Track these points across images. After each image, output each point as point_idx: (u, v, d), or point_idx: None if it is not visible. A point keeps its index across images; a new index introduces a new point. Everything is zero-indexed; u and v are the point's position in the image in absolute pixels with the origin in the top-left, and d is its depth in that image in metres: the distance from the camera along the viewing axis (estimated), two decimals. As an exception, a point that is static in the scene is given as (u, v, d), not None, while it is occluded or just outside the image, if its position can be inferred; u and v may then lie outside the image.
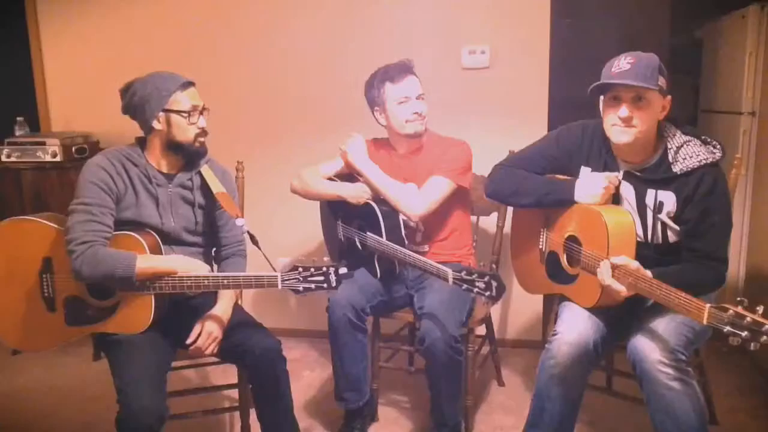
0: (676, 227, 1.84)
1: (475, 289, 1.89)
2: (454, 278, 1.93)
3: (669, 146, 1.83)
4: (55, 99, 3.46)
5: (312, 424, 2.50)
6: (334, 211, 2.51)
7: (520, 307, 3.13)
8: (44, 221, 1.94)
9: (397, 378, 2.76)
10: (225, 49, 3.18)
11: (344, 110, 3.07)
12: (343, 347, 2.25)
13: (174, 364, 2.35)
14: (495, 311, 3.08)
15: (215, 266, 2.13)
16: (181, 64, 2.28)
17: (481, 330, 2.62)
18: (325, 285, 1.80)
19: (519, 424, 2.44)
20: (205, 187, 2.03)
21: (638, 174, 1.88)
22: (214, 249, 2.14)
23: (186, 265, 1.87)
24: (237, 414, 2.31)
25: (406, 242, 2.29)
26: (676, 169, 1.80)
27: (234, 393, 2.40)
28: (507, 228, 2.88)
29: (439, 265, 2.01)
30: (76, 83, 3.40)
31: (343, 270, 1.81)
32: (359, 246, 2.38)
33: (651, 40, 4.43)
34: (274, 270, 1.84)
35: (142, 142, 2.00)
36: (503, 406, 2.61)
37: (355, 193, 2.34)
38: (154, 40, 3.24)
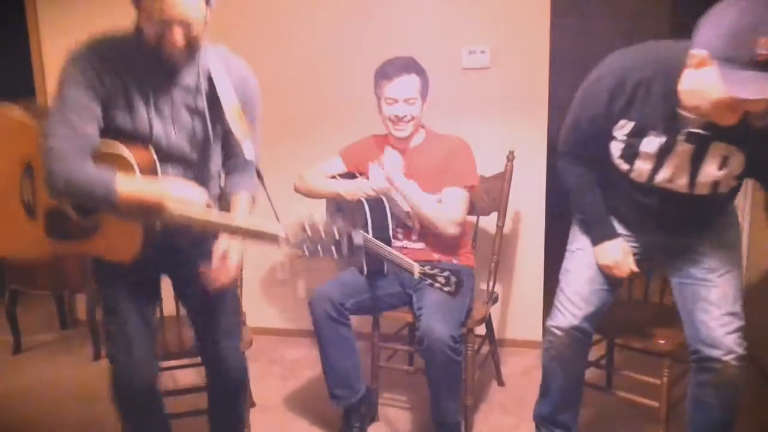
0: (734, 183, 1.76)
1: (436, 284, 1.98)
2: (419, 272, 2.01)
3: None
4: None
5: (312, 424, 2.50)
6: (340, 210, 2.52)
7: (520, 307, 3.13)
8: (26, 118, 1.71)
9: (397, 378, 2.77)
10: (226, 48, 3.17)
11: (344, 109, 3.07)
12: (327, 343, 2.26)
13: (174, 363, 2.36)
14: (495, 311, 3.08)
15: (222, 176, 1.87)
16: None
17: (481, 330, 2.62)
18: (334, 252, 1.56)
19: (518, 424, 2.45)
20: (214, 95, 1.69)
21: (704, 132, 1.66)
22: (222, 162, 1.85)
23: (179, 196, 1.54)
24: (237, 414, 2.31)
25: (392, 240, 2.34)
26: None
27: (234, 393, 2.40)
28: (507, 228, 2.89)
29: (407, 260, 2.09)
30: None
31: (358, 239, 1.61)
32: (345, 248, 2.40)
33: (651, 38, 4.43)
34: (278, 221, 1.61)
35: (140, 34, 1.59)
36: (503, 406, 2.61)
37: (350, 189, 2.35)
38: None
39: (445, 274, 1.97)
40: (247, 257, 2.47)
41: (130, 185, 1.52)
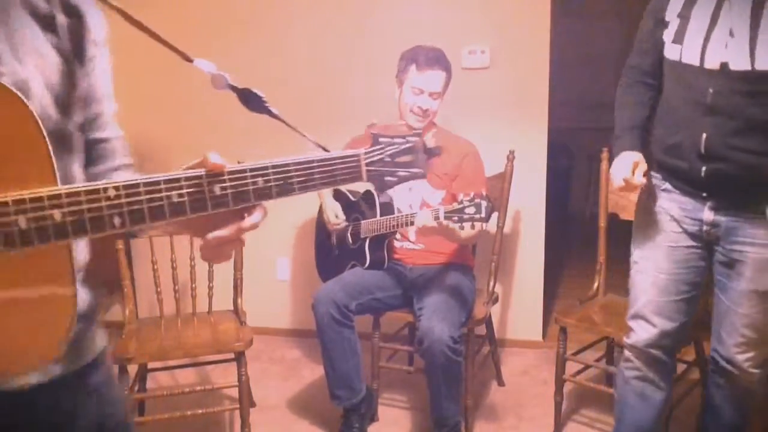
0: None
1: (466, 216, 1.89)
2: (445, 214, 1.94)
3: None
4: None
5: (312, 424, 2.50)
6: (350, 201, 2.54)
7: (520, 307, 3.13)
8: None
9: (397, 378, 2.77)
10: (226, 47, 3.17)
11: (343, 108, 3.07)
12: (330, 344, 2.26)
13: (173, 363, 2.35)
14: (495, 311, 3.08)
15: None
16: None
17: (481, 330, 2.62)
18: (411, 167, 1.00)
19: (519, 424, 2.45)
20: (78, 31, 0.94)
21: None
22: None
23: None
24: (237, 414, 2.31)
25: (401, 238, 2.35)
26: None
27: (234, 393, 2.41)
28: (507, 228, 2.89)
29: (427, 210, 2.03)
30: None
31: (431, 142, 1.09)
32: (350, 240, 2.41)
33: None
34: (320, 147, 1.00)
35: None
36: (503, 406, 2.61)
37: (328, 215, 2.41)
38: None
39: (475, 201, 1.89)
40: (247, 257, 2.48)
41: None
